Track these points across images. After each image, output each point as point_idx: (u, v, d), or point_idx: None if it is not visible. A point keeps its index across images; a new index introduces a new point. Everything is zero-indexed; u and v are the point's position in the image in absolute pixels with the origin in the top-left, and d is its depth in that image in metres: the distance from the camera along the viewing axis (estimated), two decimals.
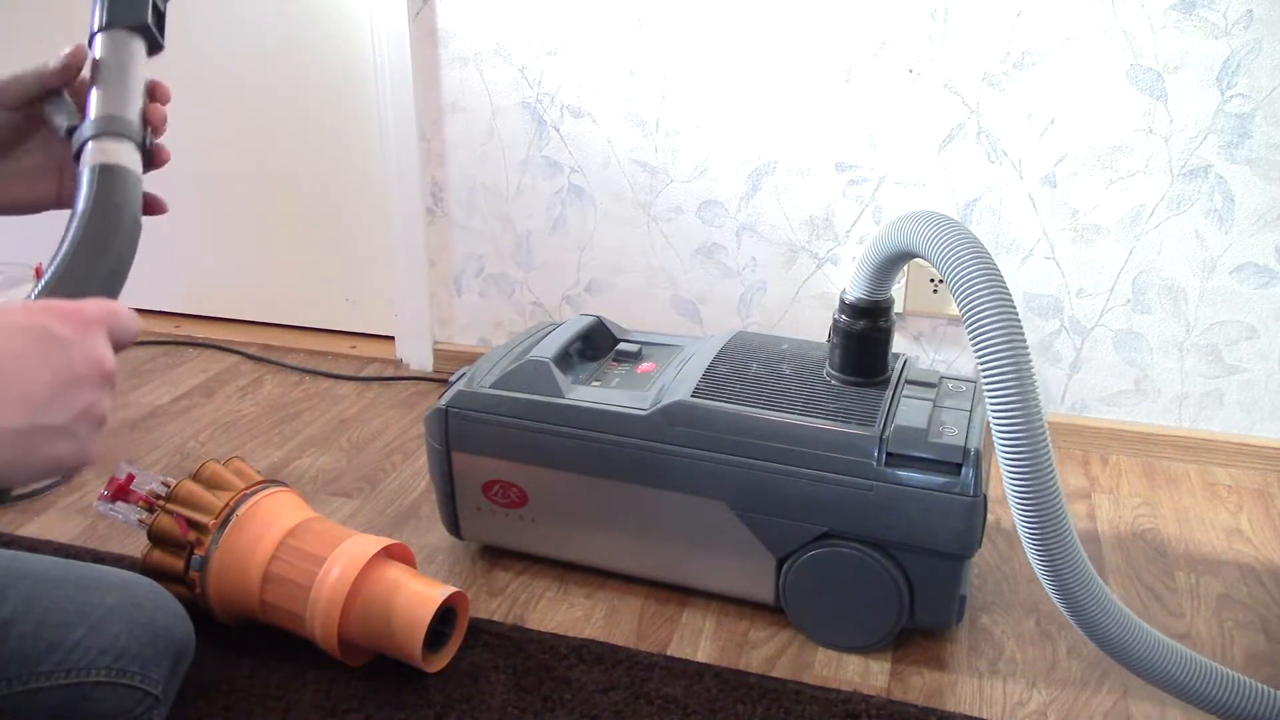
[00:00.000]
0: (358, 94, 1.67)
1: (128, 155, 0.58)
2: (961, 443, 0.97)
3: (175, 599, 0.87)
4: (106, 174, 0.56)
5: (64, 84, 0.62)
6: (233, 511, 1.01)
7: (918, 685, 1.01)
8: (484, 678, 1.00)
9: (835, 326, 1.07)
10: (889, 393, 1.06)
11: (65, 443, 0.43)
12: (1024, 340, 0.83)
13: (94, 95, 0.60)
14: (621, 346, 1.22)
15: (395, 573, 0.99)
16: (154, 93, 0.64)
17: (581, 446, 1.08)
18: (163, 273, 1.90)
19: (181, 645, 0.85)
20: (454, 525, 1.19)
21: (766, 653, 1.06)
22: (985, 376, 0.83)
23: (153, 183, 0.60)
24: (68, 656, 0.75)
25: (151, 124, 0.61)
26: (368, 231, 1.76)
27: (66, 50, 0.61)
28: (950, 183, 1.43)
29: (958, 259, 0.86)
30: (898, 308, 1.49)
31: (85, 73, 0.63)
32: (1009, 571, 1.20)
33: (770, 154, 1.48)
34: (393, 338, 1.81)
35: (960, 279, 0.85)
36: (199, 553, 1.00)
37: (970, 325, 0.84)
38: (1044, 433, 0.83)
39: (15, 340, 0.42)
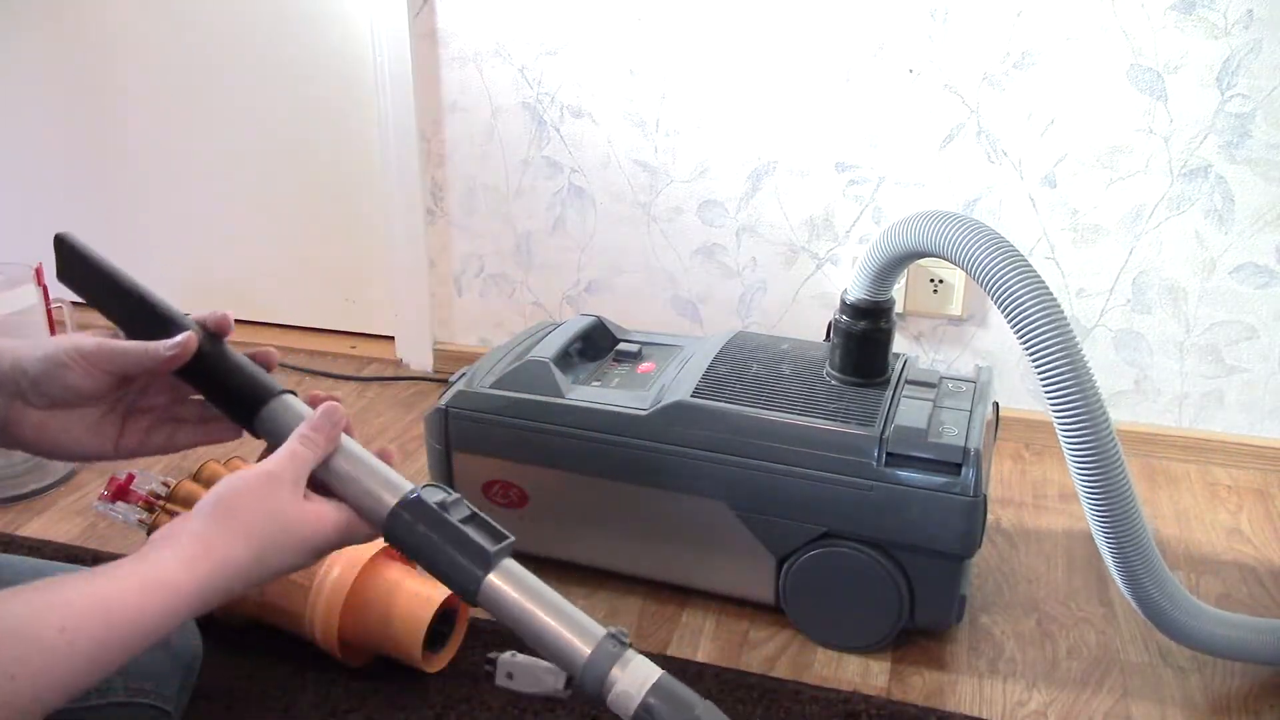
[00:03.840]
0: (358, 94, 1.67)
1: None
2: (961, 443, 0.97)
3: None
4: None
5: (167, 372, 0.61)
6: None
7: (918, 685, 1.01)
8: (484, 678, 1.00)
9: (835, 327, 1.07)
10: (889, 393, 1.06)
11: None
12: (1075, 338, 0.88)
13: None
14: (621, 346, 1.22)
15: (395, 573, 0.99)
16: None
17: (582, 447, 1.08)
18: (163, 273, 1.90)
19: (192, 659, 0.85)
20: None
21: (766, 653, 1.06)
22: (1043, 377, 0.86)
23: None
24: None
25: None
26: (368, 231, 1.76)
27: (178, 339, 0.59)
28: (950, 183, 1.42)
29: (992, 261, 0.88)
30: (898, 308, 1.49)
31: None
32: (1009, 571, 1.20)
33: (770, 154, 1.48)
34: (393, 338, 1.81)
35: (999, 284, 0.88)
36: None
37: (1020, 329, 0.88)
38: (1107, 423, 0.86)
39: None
